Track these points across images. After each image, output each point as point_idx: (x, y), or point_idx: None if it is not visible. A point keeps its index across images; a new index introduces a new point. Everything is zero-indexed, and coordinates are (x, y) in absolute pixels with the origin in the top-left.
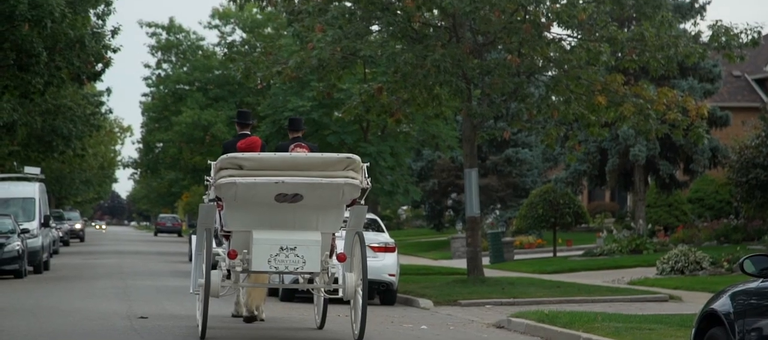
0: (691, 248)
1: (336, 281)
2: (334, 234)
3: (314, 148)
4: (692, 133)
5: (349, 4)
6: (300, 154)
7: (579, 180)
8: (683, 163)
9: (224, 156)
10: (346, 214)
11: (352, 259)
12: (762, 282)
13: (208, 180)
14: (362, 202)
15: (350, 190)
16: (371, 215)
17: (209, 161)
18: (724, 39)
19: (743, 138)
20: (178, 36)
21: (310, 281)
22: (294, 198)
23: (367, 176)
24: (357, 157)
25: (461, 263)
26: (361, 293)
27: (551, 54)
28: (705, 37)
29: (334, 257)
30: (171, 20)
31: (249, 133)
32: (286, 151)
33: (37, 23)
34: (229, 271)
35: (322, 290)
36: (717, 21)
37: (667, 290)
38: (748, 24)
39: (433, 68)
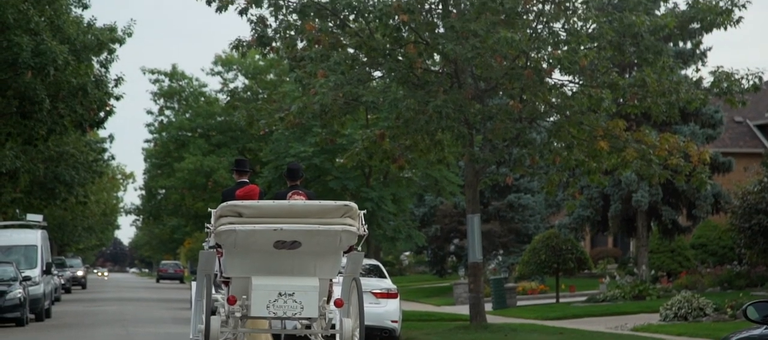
0: (695, 295)
1: (333, 326)
2: (331, 280)
3: (312, 195)
4: (694, 178)
5: (351, 51)
6: (298, 202)
7: (582, 226)
8: (686, 209)
9: (224, 204)
10: (344, 260)
11: (349, 305)
12: (765, 329)
13: (208, 227)
14: (359, 248)
15: (347, 237)
16: (373, 261)
17: (209, 209)
18: (725, 85)
19: (746, 184)
20: (180, 82)
21: (308, 326)
22: (292, 245)
23: (363, 222)
24: (354, 205)
25: (464, 309)
26: (358, 337)
27: (553, 100)
28: (706, 82)
29: (332, 303)
30: (173, 67)
31: (247, 180)
32: (285, 199)
33: (40, 71)
34: (228, 317)
35: (320, 335)
36: (718, 67)
37: (670, 336)
38: (749, 69)
39: (435, 114)
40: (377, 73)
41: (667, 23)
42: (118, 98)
